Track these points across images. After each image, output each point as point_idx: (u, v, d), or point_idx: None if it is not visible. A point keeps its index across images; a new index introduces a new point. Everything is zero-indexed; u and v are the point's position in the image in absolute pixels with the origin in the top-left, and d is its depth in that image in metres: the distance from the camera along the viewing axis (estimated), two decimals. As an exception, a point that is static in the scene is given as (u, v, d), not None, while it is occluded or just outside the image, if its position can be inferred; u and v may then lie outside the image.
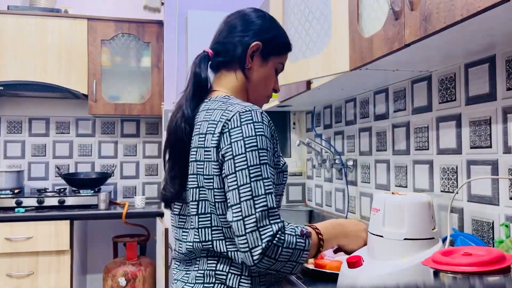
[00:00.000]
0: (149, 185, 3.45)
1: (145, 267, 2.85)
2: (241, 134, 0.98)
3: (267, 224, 0.93)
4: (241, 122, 0.99)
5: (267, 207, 0.94)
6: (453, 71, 1.49)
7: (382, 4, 1.28)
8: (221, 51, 1.15)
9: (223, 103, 1.07)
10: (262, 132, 0.99)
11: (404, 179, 1.78)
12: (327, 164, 2.37)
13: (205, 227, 1.04)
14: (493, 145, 1.32)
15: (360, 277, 1.03)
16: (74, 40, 3.00)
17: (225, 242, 1.02)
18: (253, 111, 1.01)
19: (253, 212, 0.93)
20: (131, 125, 3.42)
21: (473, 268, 0.81)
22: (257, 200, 0.94)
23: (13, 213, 2.68)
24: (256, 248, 0.92)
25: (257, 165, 0.96)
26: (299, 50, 1.73)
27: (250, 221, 0.93)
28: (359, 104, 2.14)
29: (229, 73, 1.15)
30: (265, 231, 0.92)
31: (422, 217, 1.02)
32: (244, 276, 1.02)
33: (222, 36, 1.17)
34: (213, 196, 1.01)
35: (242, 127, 0.98)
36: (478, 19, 0.96)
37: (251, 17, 1.16)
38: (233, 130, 0.98)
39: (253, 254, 0.92)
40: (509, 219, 1.27)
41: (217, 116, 1.03)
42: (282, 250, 0.93)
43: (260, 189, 0.95)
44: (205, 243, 1.04)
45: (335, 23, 1.53)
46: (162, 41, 3.03)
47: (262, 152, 0.97)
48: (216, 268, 1.03)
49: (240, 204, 0.94)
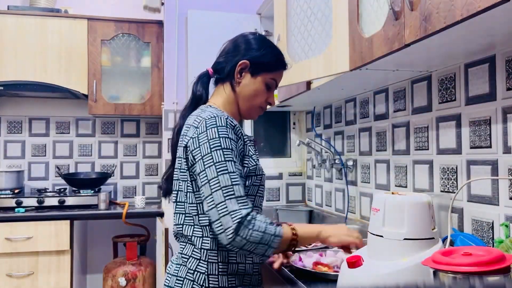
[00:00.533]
0: (149, 185, 3.44)
1: (145, 267, 2.85)
2: (206, 137, 1.15)
3: (237, 209, 1.08)
4: (207, 127, 1.16)
5: (234, 196, 1.10)
6: (453, 71, 1.49)
7: (382, 4, 1.28)
8: (218, 69, 1.33)
9: (200, 111, 1.25)
10: (226, 135, 1.15)
11: (404, 179, 1.78)
12: (327, 164, 2.37)
13: (180, 213, 1.24)
14: (493, 145, 1.32)
15: (360, 277, 1.03)
16: (74, 40, 3.00)
17: (192, 228, 1.20)
18: (218, 117, 1.17)
19: (223, 199, 1.09)
20: (131, 125, 3.42)
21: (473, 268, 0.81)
22: (225, 190, 1.10)
23: (13, 213, 2.67)
24: (228, 229, 1.07)
25: (223, 161, 1.12)
26: (301, 51, 1.73)
27: (221, 207, 1.09)
28: (359, 104, 2.14)
29: (221, 88, 1.32)
30: (235, 214, 1.07)
31: (422, 217, 1.02)
32: (202, 260, 1.18)
33: (220, 56, 1.35)
34: (186, 187, 1.21)
35: (207, 131, 1.15)
36: (478, 19, 0.96)
37: (244, 39, 1.32)
38: (200, 135, 1.16)
39: (227, 234, 1.07)
40: (509, 219, 1.27)
41: (190, 120, 1.24)
42: (252, 232, 1.08)
43: (227, 181, 1.10)
44: (178, 226, 1.24)
45: (335, 23, 1.53)
46: (162, 41, 3.03)
47: (226, 151, 1.14)
48: (182, 252, 1.23)
49: (212, 195, 1.11)
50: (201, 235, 1.19)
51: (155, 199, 3.36)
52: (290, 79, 1.79)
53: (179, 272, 1.21)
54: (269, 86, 1.32)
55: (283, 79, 1.83)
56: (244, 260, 1.21)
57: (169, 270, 1.25)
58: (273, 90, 1.35)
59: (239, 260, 1.20)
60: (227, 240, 1.08)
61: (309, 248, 1.54)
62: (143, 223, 2.99)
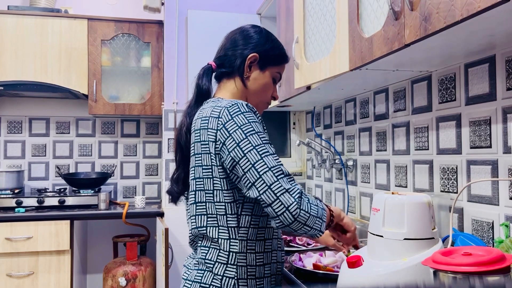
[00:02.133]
0: (149, 185, 3.44)
1: (145, 267, 2.85)
2: (236, 124, 1.09)
3: (291, 187, 1.05)
4: (232, 115, 1.10)
5: (284, 174, 1.06)
6: (453, 71, 1.49)
7: (382, 4, 1.28)
8: (223, 63, 1.27)
9: (213, 102, 1.19)
10: (254, 119, 1.11)
11: (404, 179, 1.78)
12: (327, 164, 2.37)
13: (201, 214, 1.16)
14: (493, 145, 1.32)
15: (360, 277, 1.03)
16: (74, 40, 3.00)
17: (217, 229, 1.13)
18: (239, 103, 1.12)
19: (275, 179, 1.04)
20: (131, 125, 3.42)
21: (473, 268, 0.81)
22: (274, 170, 1.05)
23: (13, 213, 2.67)
24: (291, 205, 1.03)
25: (261, 144, 1.07)
26: (315, 52, 1.73)
27: (276, 187, 1.04)
28: (359, 104, 2.14)
29: (229, 82, 1.27)
30: (293, 190, 1.04)
31: (422, 217, 1.02)
32: (230, 264, 1.12)
33: (224, 50, 1.29)
34: (212, 184, 1.13)
35: (234, 118, 1.10)
36: (478, 19, 0.96)
37: (249, 32, 1.29)
38: (227, 124, 1.10)
39: (291, 210, 1.02)
40: (509, 219, 1.27)
41: (207, 112, 1.16)
42: (311, 205, 1.06)
43: (272, 162, 1.06)
44: (200, 229, 1.16)
45: (338, 24, 1.53)
46: (162, 41, 3.03)
47: (260, 134, 1.09)
48: (205, 257, 1.15)
49: (261, 177, 1.05)
50: (228, 237, 1.12)
51: (155, 199, 3.36)
52: (305, 80, 1.79)
53: (203, 279, 1.13)
54: (275, 80, 1.30)
55: (299, 80, 1.84)
56: (270, 261, 1.17)
57: (189, 277, 1.17)
58: (277, 84, 1.33)
59: (265, 261, 1.16)
60: (292, 217, 1.02)
61: (309, 248, 1.54)
62: (143, 223, 2.99)
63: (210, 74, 1.28)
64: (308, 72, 1.76)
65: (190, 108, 1.26)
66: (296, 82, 1.87)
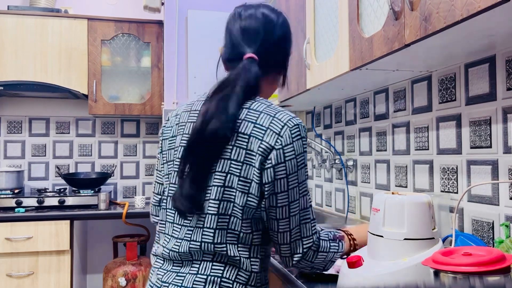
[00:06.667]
0: (149, 185, 3.44)
1: (145, 267, 2.85)
2: (294, 152, 1.01)
3: (309, 235, 1.04)
4: (293, 139, 1.01)
5: (309, 219, 1.04)
6: (453, 71, 1.49)
7: (382, 4, 1.28)
8: (266, 56, 1.12)
9: (267, 107, 1.05)
10: (306, 147, 1.05)
11: (404, 179, 1.77)
12: (327, 164, 2.37)
13: (222, 228, 1.01)
14: (493, 145, 1.32)
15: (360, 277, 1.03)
16: (74, 40, 3.00)
17: (237, 247, 1.02)
18: (300, 126, 1.04)
19: (298, 224, 1.02)
20: (131, 125, 3.42)
21: (473, 268, 0.80)
22: (303, 213, 1.03)
23: (13, 213, 2.68)
24: (296, 254, 1.03)
25: (305, 181, 1.04)
26: (322, 53, 1.74)
27: (295, 232, 1.02)
28: (359, 104, 2.14)
29: (274, 79, 1.19)
30: (307, 241, 1.03)
31: (422, 217, 1.02)
32: (249, 285, 1.03)
33: (267, 41, 1.13)
34: (245, 200, 1.00)
35: (294, 144, 1.01)
36: (478, 19, 0.96)
37: (287, 26, 1.18)
38: (286, 148, 1.00)
39: (293, 259, 1.04)
40: (509, 219, 1.27)
41: (265, 121, 1.02)
42: (318, 254, 1.05)
43: (306, 203, 1.03)
44: (218, 245, 1.01)
45: (340, 24, 1.53)
46: (162, 41, 3.03)
47: (306, 167, 1.05)
48: (222, 275, 1.01)
49: (289, 218, 1.02)
50: (248, 255, 1.03)
51: (155, 199, 3.36)
52: (314, 80, 1.79)
53: None
54: None
55: (310, 80, 1.84)
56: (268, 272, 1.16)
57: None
58: None
59: (268, 277, 1.14)
60: (291, 264, 1.05)
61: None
62: (143, 223, 2.99)
63: (257, 68, 1.08)
64: (318, 73, 1.76)
65: (236, 103, 1.03)
66: (308, 83, 1.87)
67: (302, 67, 1.93)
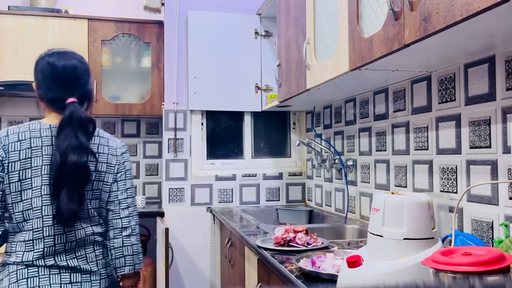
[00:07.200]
0: (149, 185, 3.45)
1: (145, 267, 2.85)
2: (128, 157, 1.65)
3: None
4: (125, 149, 1.64)
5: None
6: (453, 71, 1.49)
7: (382, 4, 1.28)
8: (82, 97, 1.73)
9: (104, 135, 1.64)
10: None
11: (403, 179, 1.78)
12: (327, 164, 2.37)
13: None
14: (493, 145, 1.32)
15: (360, 277, 1.03)
16: (75, 40, 3.00)
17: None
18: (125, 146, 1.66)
19: (131, 204, 1.64)
20: (131, 125, 3.43)
21: (473, 268, 0.81)
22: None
23: (14, 213, 2.67)
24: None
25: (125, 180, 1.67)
26: (323, 52, 1.74)
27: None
28: (359, 104, 2.15)
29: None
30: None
31: (422, 217, 1.02)
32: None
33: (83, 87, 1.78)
34: (107, 196, 1.56)
35: (126, 153, 1.64)
36: (478, 19, 0.96)
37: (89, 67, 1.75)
38: (124, 155, 1.61)
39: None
40: (508, 219, 1.27)
41: (112, 144, 1.60)
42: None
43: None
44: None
45: (340, 24, 1.54)
46: (162, 41, 3.03)
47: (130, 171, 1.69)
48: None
49: (127, 200, 1.63)
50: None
51: (155, 199, 3.36)
52: (314, 80, 1.79)
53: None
54: None
55: (310, 81, 1.84)
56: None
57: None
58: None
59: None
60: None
61: (309, 248, 1.54)
62: (143, 223, 2.99)
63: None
64: (318, 73, 1.76)
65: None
66: (308, 83, 1.87)
67: (302, 67, 1.94)
